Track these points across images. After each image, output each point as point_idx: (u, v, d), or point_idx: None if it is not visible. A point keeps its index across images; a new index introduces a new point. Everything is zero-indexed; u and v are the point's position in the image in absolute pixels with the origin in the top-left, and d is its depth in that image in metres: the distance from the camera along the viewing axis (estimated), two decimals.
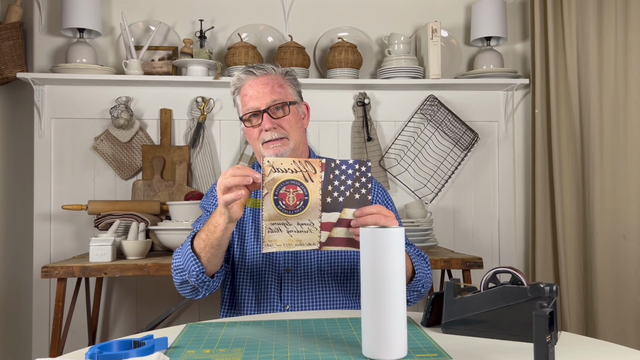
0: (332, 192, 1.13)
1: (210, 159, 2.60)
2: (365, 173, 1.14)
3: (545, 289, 0.96)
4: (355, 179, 1.14)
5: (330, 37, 2.69)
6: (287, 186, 1.12)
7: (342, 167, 1.14)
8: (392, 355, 0.88)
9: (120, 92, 2.56)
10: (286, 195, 1.12)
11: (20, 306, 2.58)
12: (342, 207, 1.13)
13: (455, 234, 2.73)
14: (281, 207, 1.12)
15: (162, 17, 2.64)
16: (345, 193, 1.13)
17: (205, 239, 1.27)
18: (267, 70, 1.45)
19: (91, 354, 0.86)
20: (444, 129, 2.69)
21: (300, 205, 1.12)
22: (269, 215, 1.12)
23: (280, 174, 1.11)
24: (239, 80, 1.46)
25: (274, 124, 1.41)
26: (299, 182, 1.12)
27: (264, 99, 1.41)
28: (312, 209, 1.12)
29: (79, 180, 2.55)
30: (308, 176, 1.12)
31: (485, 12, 2.59)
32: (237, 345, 0.98)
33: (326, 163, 1.13)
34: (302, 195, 1.12)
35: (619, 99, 2.43)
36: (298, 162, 1.12)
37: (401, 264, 0.89)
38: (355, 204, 1.14)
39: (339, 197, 1.13)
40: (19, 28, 2.45)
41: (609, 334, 2.37)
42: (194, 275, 1.31)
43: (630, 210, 2.39)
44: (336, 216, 1.13)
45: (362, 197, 1.14)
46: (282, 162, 1.12)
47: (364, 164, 1.14)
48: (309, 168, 1.12)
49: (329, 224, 1.13)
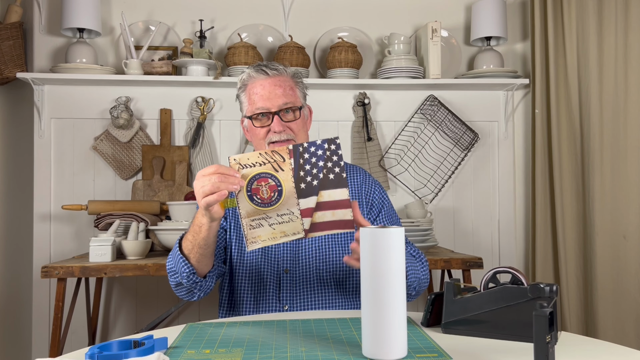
0: (304, 177, 1.11)
1: (210, 159, 2.60)
2: (335, 151, 1.12)
3: (545, 289, 0.96)
4: (327, 159, 1.12)
5: (330, 37, 2.69)
6: (258, 180, 1.11)
7: (311, 150, 1.12)
8: (392, 355, 0.88)
9: (120, 92, 2.56)
10: (259, 189, 1.11)
11: (20, 306, 2.58)
12: (318, 190, 1.12)
13: (455, 234, 2.73)
14: (256, 201, 1.11)
15: (162, 17, 2.64)
16: (319, 175, 1.12)
17: (192, 240, 1.27)
18: (279, 71, 1.44)
19: (91, 354, 0.86)
20: (444, 129, 2.69)
21: (275, 196, 1.11)
22: (247, 212, 1.11)
23: (248, 169, 1.11)
24: (250, 78, 1.44)
25: (283, 126, 1.40)
26: (270, 174, 1.11)
27: (276, 101, 1.40)
28: (287, 197, 1.11)
29: (78, 180, 2.55)
30: (277, 166, 1.11)
31: (485, 12, 2.59)
32: (237, 345, 0.98)
33: (294, 149, 1.11)
34: (275, 187, 1.11)
35: (619, 99, 2.43)
36: (265, 154, 1.11)
37: (401, 264, 0.89)
38: (330, 185, 1.12)
39: (312, 181, 1.12)
40: (19, 28, 2.45)
41: (609, 334, 2.37)
42: (185, 277, 1.32)
43: (630, 210, 2.39)
44: (314, 200, 1.12)
45: (337, 177, 1.12)
46: (248, 157, 1.11)
47: (333, 142, 1.12)
48: (277, 157, 1.11)
49: (309, 210, 1.12)
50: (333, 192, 1.12)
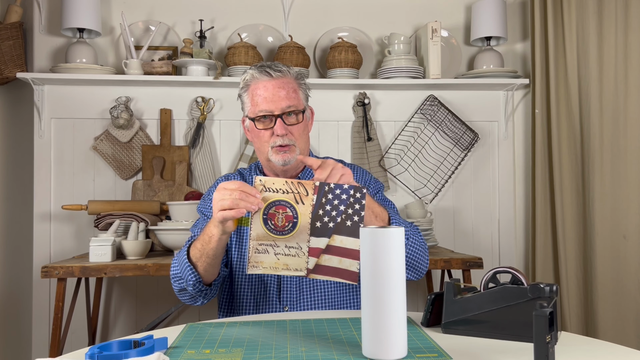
0: (322, 216, 1.10)
1: (210, 159, 2.60)
2: (359, 200, 1.11)
3: (545, 289, 0.96)
4: (349, 205, 1.11)
5: (330, 37, 2.69)
6: (277, 207, 1.10)
7: (336, 192, 1.11)
8: (392, 355, 0.88)
9: (120, 92, 2.56)
10: (275, 215, 1.10)
11: (20, 306, 2.58)
12: (332, 233, 1.11)
13: (455, 234, 2.73)
14: (270, 226, 1.10)
15: (162, 17, 2.64)
16: (337, 219, 1.11)
17: (201, 249, 1.27)
18: (283, 73, 1.42)
19: (91, 354, 0.86)
20: (444, 129, 2.69)
21: (289, 227, 1.10)
22: (257, 234, 1.11)
23: (271, 193, 1.10)
24: (253, 78, 1.42)
25: (286, 130, 1.39)
26: (289, 204, 1.10)
27: (279, 104, 1.39)
28: (300, 231, 1.11)
29: (79, 180, 2.55)
30: (299, 198, 1.10)
31: (485, 12, 2.59)
32: (237, 345, 0.98)
33: (319, 186, 1.11)
34: (291, 217, 1.10)
35: (619, 99, 2.43)
36: (290, 183, 1.10)
37: (401, 264, 0.89)
38: (345, 232, 1.10)
39: (329, 223, 1.11)
40: (19, 28, 2.45)
41: (609, 334, 2.37)
42: (191, 285, 1.31)
43: (630, 210, 2.39)
44: (324, 242, 1.11)
45: (354, 225, 1.10)
46: (274, 182, 1.11)
47: (359, 191, 1.11)
48: (301, 190, 1.10)
49: (317, 250, 1.11)
50: (346, 239, 1.11)
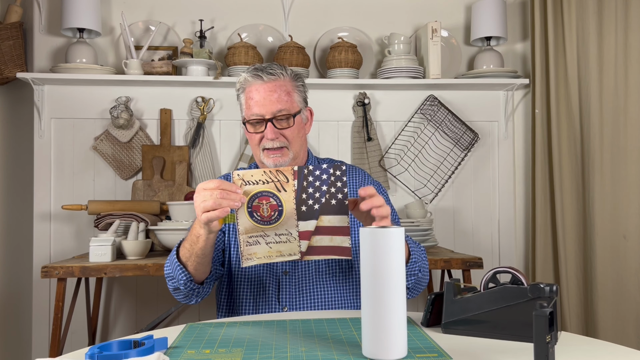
0: (306, 200, 1.11)
1: (210, 159, 2.60)
2: (340, 177, 1.11)
3: (545, 289, 0.96)
4: (331, 184, 1.11)
5: (330, 37, 2.69)
6: (260, 198, 1.10)
7: (316, 173, 1.11)
8: (392, 355, 0.88)
9: (120, 92, 2.56)
10: (260, 207, 1.10)
11: (20, 306, 2.58)
12: (319, 215, 1.11)
13: (455, 234, 2.73)
14: (256, 218, 1.10)
15: (162, 17, 2.64)
16: (321, 200, 1.11)
17: (190, 248, 1.27)
18: (276, 75, 1.40)
19: (91, 354, 0.86)
20: (444, 129, 2.69)
21: (275, 215, 1.11)
22: (245, 228, 1.11)
23: (251, 186, 1.10)
24: (246, 82, 1.42)
25: (277, 134, 1.39)
26: (272, 193, 1.10)
27: (270, 108, 1.39)
28: (287, 218, 1.11)
29: (78, 180, 2.55)
30: (280, 186, 1.10)
31: (485, 12, 2.59)
32: (237, 345, 0.98)
33: (298, 170, 1.10)
34: (275, 206, 1.10)
35: (619, 99, 2.42)
36: (269, 173, 1.10)
37: (401, 264, 0.90)
38: (332, 211, 1.11)
39: (314, 205, 1.11)
40: (19, 28, 2.45)
41: (609, 334, 2.37)
42: (182, 284, 1.32)
43: (630, 211, 2.39)
44: (313, 224, 1.11)
45: (339, 203, 1.11)
46: (252, 174, 1.10)
47: (339, 168, 1.11)
48: (280, 177, 1.10)
49: (307, 233, 1.11)
50: (333, 217, 1.11)
